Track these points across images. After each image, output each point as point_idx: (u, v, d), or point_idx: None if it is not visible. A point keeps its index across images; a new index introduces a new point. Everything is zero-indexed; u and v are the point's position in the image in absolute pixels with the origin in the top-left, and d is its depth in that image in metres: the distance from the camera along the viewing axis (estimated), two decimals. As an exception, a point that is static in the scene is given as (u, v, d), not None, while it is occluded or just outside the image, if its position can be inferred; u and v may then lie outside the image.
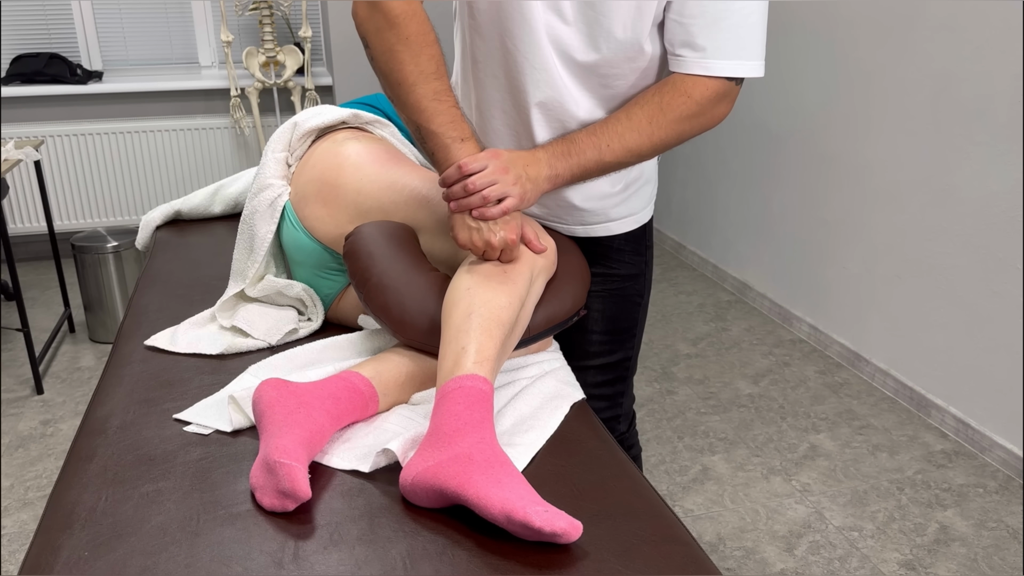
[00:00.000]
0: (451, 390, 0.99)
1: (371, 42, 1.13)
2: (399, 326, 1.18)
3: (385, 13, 1.10)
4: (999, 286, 2.29)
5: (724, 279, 3.61)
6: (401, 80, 1.12)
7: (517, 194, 1.12)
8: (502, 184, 1.11)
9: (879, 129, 2.64)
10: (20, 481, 2.28)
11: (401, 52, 1.11)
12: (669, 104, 1.16)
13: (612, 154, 1.17)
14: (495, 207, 1.11)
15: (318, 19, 3.92)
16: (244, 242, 1.41)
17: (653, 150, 1.19)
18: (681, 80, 1.16)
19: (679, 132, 1.18)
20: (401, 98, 1.14)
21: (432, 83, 1.12)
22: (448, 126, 1.13)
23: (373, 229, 1.26)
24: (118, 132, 3.70)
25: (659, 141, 1.18)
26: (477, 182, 1.10)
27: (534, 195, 1.16)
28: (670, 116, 1.16)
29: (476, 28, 1.21)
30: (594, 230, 1.37)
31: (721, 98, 1.17)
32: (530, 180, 1.15)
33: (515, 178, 1.12)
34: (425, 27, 1.12)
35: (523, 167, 1.14)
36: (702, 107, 1.16)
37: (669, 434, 2.51)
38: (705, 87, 1.15)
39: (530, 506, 0.86)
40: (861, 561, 1.97)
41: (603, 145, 1.17)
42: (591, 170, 1.19)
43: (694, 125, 1.18)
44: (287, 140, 1.43)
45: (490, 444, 0.94)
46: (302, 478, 0.92)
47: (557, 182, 1.18)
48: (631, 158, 1.19)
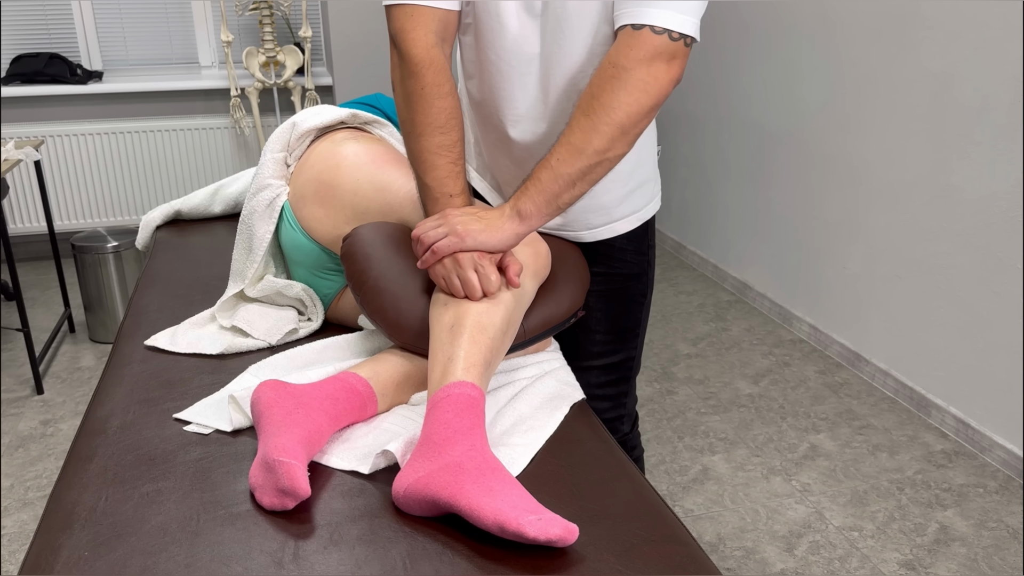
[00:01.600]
0: (441, 399, 0.99)
1: (396, 89, 1.19)
2: (395, 329, 1.18)
3: (407, 63, 1.15)
4: (999, 286, 2.29)
5: (724, 279, 3.61)
6: (411, 129, 1.18)
7: (458, 231, 1.11)
8: (444, 226, 1.12)
9: (879, 129, 2.64)
10: (20, 481, 2.28)
11: (415, 102, 1.16)
12: (599, 87, 1.09)
13: (563, 163, 1.10)
14: (439, 244, 1.12)
15: (318, 19, 3.92)
16: (243, 242, 1.41)
17: (606, 139, 1.09)
18: (608, 53, 1.11)
19: (621, 108, 1.08)
20: (409, 145, 1.19)
21: (436, 136, 1.16)
22: (441, 180, 1.17)
23: (370, 231, 1.26)
24: (118, 132, 3.70)
25: (605, 128, 1.09)
26: (422, 239, 1.14)
27: (493, 235, 1.12)
28: (602, 99, 1.08)
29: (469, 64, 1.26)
30: (599, 233, 1.38)
31: (652, 56, 1.07)
32: (481, 220, 1.12)
33: (458, 220, 1.12)
34: (440, 78, 1.15)
35: (476, 211, 1.14)
36: (630, 72, 1.07)
37: (669, 434, 2.51)
38: (628, 46, 1.08)
39: (523, 516, 0.85)
40: (861, 561, 1.97)
41: (552, 160, 1.11)
42: (553, 189, 1.11)
43: (634, 95, 1.08)
44: (286, 140, 1.43)
45: (481, 451, 0.94)
46: (301, 476, 0.92)
47: (525, 218, 1.13)
48: (586, 158, 1.10)
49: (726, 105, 3.45)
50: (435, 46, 1.16)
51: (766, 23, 3.13)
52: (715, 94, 3.52)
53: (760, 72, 3.20)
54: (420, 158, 1.18)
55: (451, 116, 1.17)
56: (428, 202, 1.19)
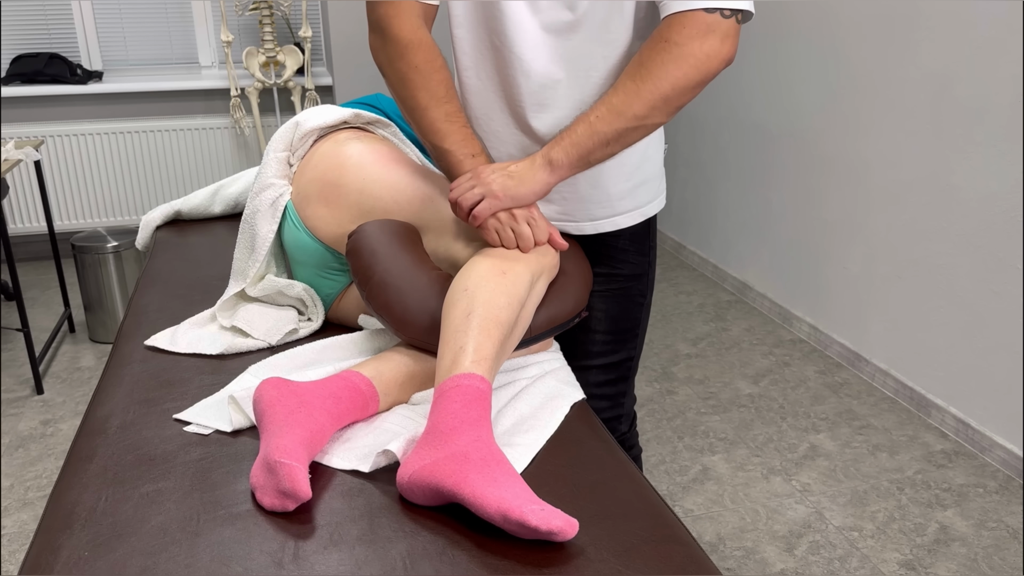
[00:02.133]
0: (449, 388, 0.99)
1: (385, 71, 1.23)
2: (401, 324, 1.18)
3: (395, 44, 1.19)
4: (999, 286, 2.29)
5: (724, 279, 3.61)
6: (415, 105, 1.22)
7: (494, 191, 1.17)
8: (480, 187, 1.19)
9: (879, 129, 2.64)
10: (20, 481, 2.28)
11: (413, 79, 1.20)
12: (648, 56, 1.12)
13: (603, 122, 1.14)
14: (478, 208, 1.18)
15: (318, 19, 3.92)
16: (245, 242, 1.41)
17: (647, 106, 1.13)
18: (659, 28, 1.13)
19: (667, 79, 1.11)
20: (417, 121, 1.23)
21: (443, 106, 1.22)
22: (459, 144, 1.22)
23: (376, 227, 1.26)
24: (118, 132, 3.70)
25: (649, 95, 1.12)
26: (460, 202, 1.20)
27: (526, 187, 1.18)
28: (650, 67, 1.11)
29: (460, 38, 1.28)
30: (602, 225, 1.37)
31: (704, 33, 1.09)
32: (513, 176, 1.19)
33: (492, 179, 1.18)
34: (431, 54, 1.21)
35: (505, 167, 1.20)
36: (682, 47, 1.10)
37: (669, 434, 2.51)
38: (682, 25, 1.10)
39: (526, 504, 0.86)
40: (861, 561, 1.97)
41: (592, 117, 1.15)
42: (587, 145, 1.16)
43: (683, 68, 1.10)
44: (289, 140, 1.43)
45: (487, 442, 0.94)
46: (302, 478, 0.92)
47: (556, 168, 1.18)
48: (625, 121, 1.14)
49: (726, 105, 3.45)
50: (420, 28, 1.20)
51: (766, 23, 3.13)
52: (715, 94, 3.52)
53: (760, 72, 3.20)
54: (433, 128, 1.22)
55: (449, 87, 1.23)
56: (452, 165, 1.24)
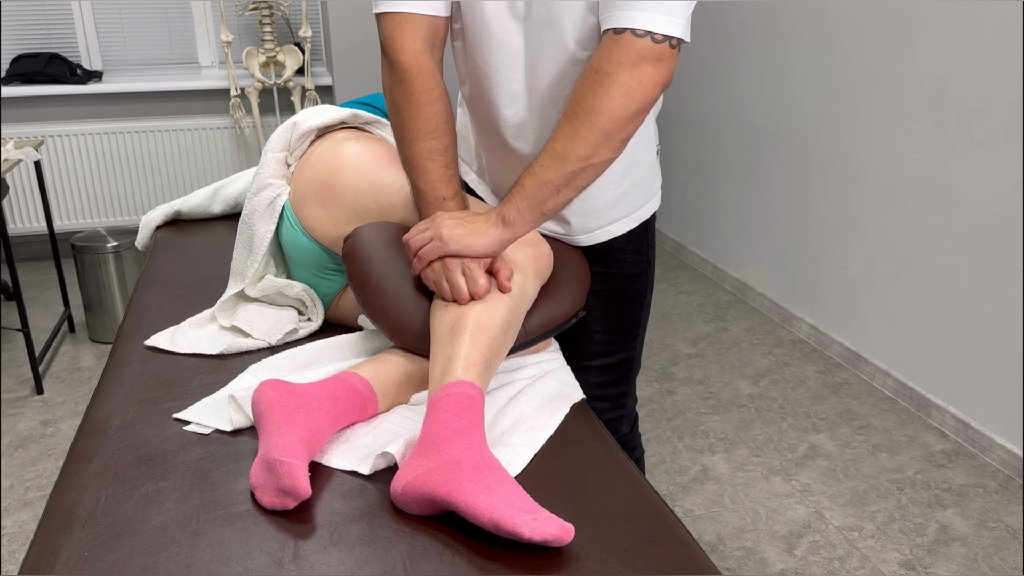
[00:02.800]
0: (440, 398, 1.00)
1: (387, 96, 1.20)
2: (396, 330, 1.18)
3: (396, 70, 1.17)
4: (999, 286, 2.29)
5: (724, 279, 3.61)
6: (402, 135, 1.19)
7: (442, 235, 1.12)
8: (431, 230, 1.14)
9: (879, 129, 2.64)
10: (20, 481, 2.28)
11: (405, 108, 1.18)
12: (581, 93, 1.07)
13: (547, 170, 1.09)
14: (423, 251, 1.14)
15: (318, 19, 3.92)
16: (243, 242, 1.41)
17: (590, 145, 1.07)
18: (592, 58, 1.09)
19: (604, 113, 1.06)
20: (402, 151, 1.21)
21: (428, 141, 1.18)
22: (433, 184, 1.19)
23: (372, 232, 1.26)
24: (118, 132, 3.70)
25: (588, 134, 1.07)
26: (410, 244, 1.16)
27: (476, 240, 1.12)
28: (584, 104, 1.06)
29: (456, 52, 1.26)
30: (596, 236, 1.38)
31: (635, 61, 1.04)
32: (465, 225, 1.13)
33: (443, 224, 1.13)
34: (430, 84, 1.17)
35: (463, 216, 1.15)
36: (613, 77, 1.05)
37: (669, 434, 2.51)
38: (610, 51, 1.05)
39: (518, 515, 0.85)
40: (861, 561, 1.97)
41: (536, 167, 1.10)
42: (539, 197, 1.10)
43: (616, 99, 1.05)
44: (286, 140, 1.43)
45: (479, 450, 0.94)
46: (302, 476, 0.92)
47: (510, 224, 1.12)
48: (571, 164, 1.08)
49: (726, 105, 3.45)
50: (423, 52, 1.17)
51: (765, 23, 3.13)
52: (715, 94, 3.52)
53: (760, 72, 3.20)
54: (413, 163, 1.20)
55: (441, 121, 1.18)
56: (422, 206, 1.21)
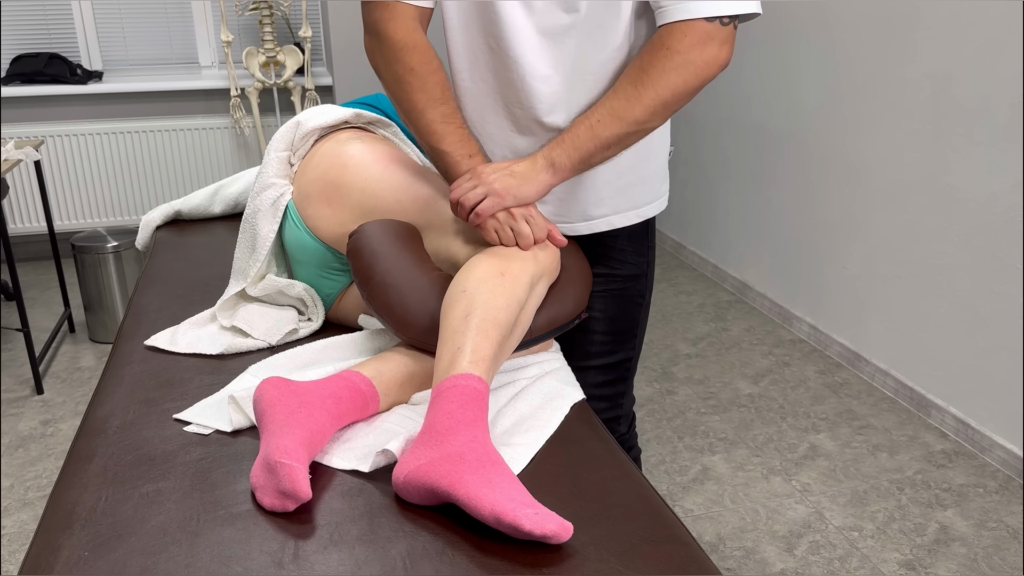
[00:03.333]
0: (446, 389, 0.99)
1: (381, 73, 1.24)
2: (401, 325, 1.18)
3: (390, 47, 1.20)
4: (999, 286, 2.29)
5: (724, 279, 3.61)
6: (411, 107, 1.23)
7: (496, 190, 1.18)
8: (482, 186, 1.19)
9: (879, 129, 2.64)
10: (20, 481, 2.28)
11: (409, 81, 1.21)
12: (649, 62, 1.14)
13: (603, 126, 1.17)
14: (481, 207, 1.19)
15: (318, 19, 3.92)
16: (246, 241, 1.41)
17: (647, 111, 1.16)
18: (659, 35, 1.14)
19: (668, 86, 1.14)
20: (414, 122, 1.25)
21: (439, 107, 1.23)
22: (456, 145, 1.24)
23: (377, 228, 1.26)
24: (118, 132, 3.70)
25: (649, 100, 1.15)
26: (463, 202, 1.20)
27: (529, 187, 1.19)
28: (652, 73, 1.14)
29: (455, 40, 1.27)
30: (596, 225, 1.36)
31: (704, 41, 1.12)
32: (515, 175, 1.19)
33: (494, 179, 1.19)
34: (427, 56, 1.22)
35: (507, 167, 1.21)
36: (683, 55, 1.12)
37: (669, 434, 2.51)
38: (682, 33, 1.12)
39: (520, 508, 0.86)
40: (861, 561, 1.97)
41: (593, 120, 1.17)
42: (588, 148, 1.18)
43: (683, 75, 1.13)
44: (290, 139, 1.43)
45: (482, 443, 0.94)
46: (302, 478, 0.92)
47: (558, 170, 1.20)
48: (625, 126, 1.17)
49: (726, 105, 3.45)
50: (416, 30, 1.21)
51: (766, 23, 3.13)
52: (715, 94, 3.52)
53: (760, 72, 3.20)
54: (430, 130, 1.23)
55: (445, 87, 1.24)
56: (450, 166, 1.25)
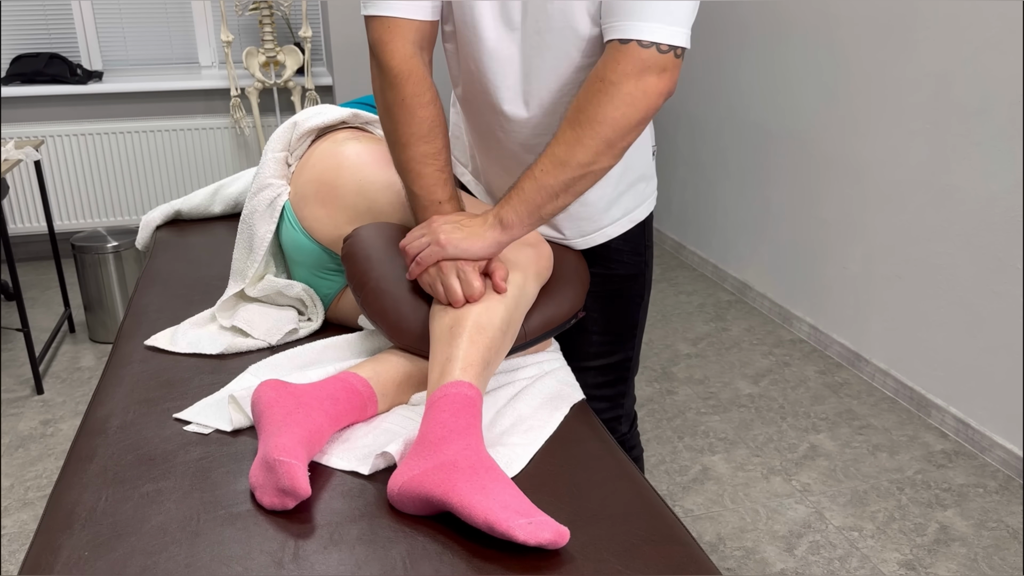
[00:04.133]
0: (437, 399, 1.00)
1: (378, 100, 1.20)
2: (395, 331, 1.18)
3: (386, 74, 1.16)
4: (999, 286, 2.29)
5: (724, 279, 3.61)
6: (395, 140, 1.19)
7: (439, 240, 1.12)
8: (428, 236, 1.14)
9: (879, 129, 2.64)
10: (20, 481, 2.28)
11: (397, 113, 1.17)
12: (586, 100, 1.08)
13: (547, 175, 1.09)
14: (421, 256, 1.14)
15: (318, 19, 3.92)
16: (244, 242, 1.41)
17: (591, 152, 1.08)
18: (596, 66, 1.09)
19: (607, 122, 1.07)
20: (395, 156, 1.20)
21: (421, 146, 1.17)
22: (428, 188, 1.18)
23: (371, 232, 1.26)
24: (118, 132, 3.70)
25: (590, 141, 1.07)
26: (407, 249, 1.16)
27: (474, 243, 1.12)
28: (588, 111, 1.07)
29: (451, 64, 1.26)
30: (592, 239, 1.38)
31: (640, 71, 1.05)
32: (463, 228, 1.13)
33: (440, 229, 1.14)
34: (421, 88, 1.16)
35: (458, 219, 1.15)
36: (618, 87, 1.05)
37: (669, 434, 2.51)
38: (616, 61, 1.06)
39: (513, 518, 0.85)
40: (861, 561, 1.97)
41: (537, 171, 1.10)
42: (536, 200, 1.11)
43: (621, 109, 1.06)
44: (287, 140, 1.43)
45: (476, 450, 0.94)
46: (302, 475, 0.92)
47: (507, 226, 1.12)
48: (571, 171, 1.09)
49: (726, 105, 3.45)
50: (414, 56, 1.16)
51: (765, 23, 3.13)
52: (715, 94, 3.52)
53: (759, 72, 3.20)
54: (407, 168, 1.19)
55: (434, 125, 1.18)
56: (418, 210, 1.20)
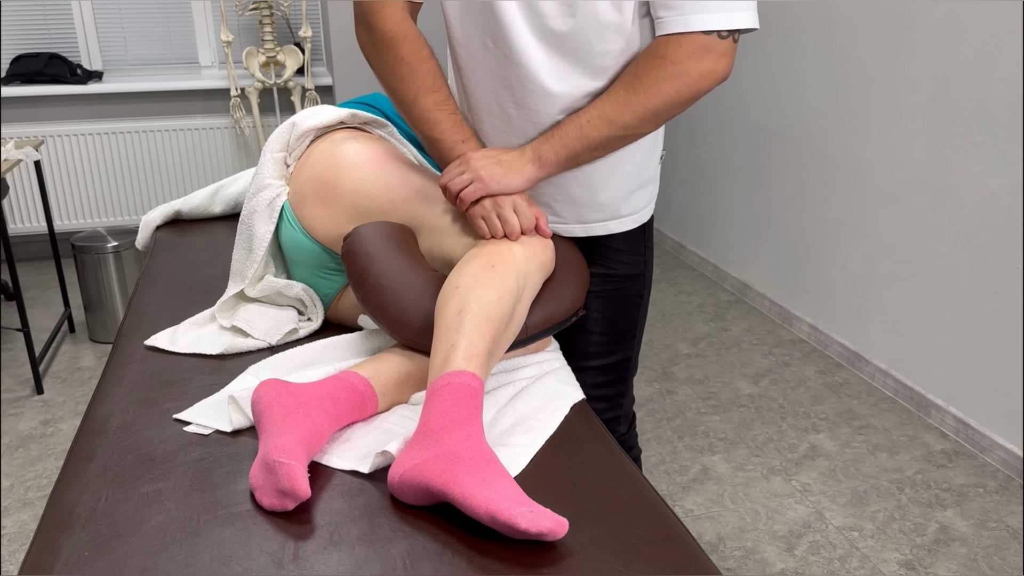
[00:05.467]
0: (440, 387, 0.99)
1: (373, 63, 1.24)
2: (396, 326, 1.18)
3: (380, 37, 1.21)
4: (999, 286, 2.29)
5: (724, 279, 3.61)
6: (404, 96, 1.24)
7: (482, 176, 1.19)
8: (468, 172, 1.21)
9: (879, 129, 2.64)
10: (20, 481, 2.28)
11: (400, 71, 1.22)
12: (644, 69, 1.14)
13: (593, 127, 1.17)
14: (465, 192, 1.20)
15: (318, 19, 3.92)
16: (243, 242, 1.41)
17: (637, 118, 1.16)
18: (655, 44, 1.15)
19: (660, 95, 1.14)
20: (407, 111, 1.26)
21: (431, 95, 1.23)
22: (449, 131, 1.24)
23: (371, 230, 1.26)
24: (118, 132, 3.70)
25: (640, 108, 1.15)
26: (450, 187, 1.22)
27: (514, 177, 1.20)
28: (645, 81, 1.14)
29: (454, 37, 1.28)
30: (593, 229, 1.37)
31: (700, 53, 1.12)
32: (502, 163, 1.21)
33: (481, 165, 1.20)
34: (417, 45, 1.22)
35: (495, 154, 1.22)
36: (677, 66, 1.12)
37: (669, 434, 2.51)
38: (678, 44, 1.12)
39: (515, 507, 0.85)
40: (861, 561, 1.97)
41: (583, 121, 1.18)
42: (576, 148, 1.19)
43: (675, 86, 1.14)
44: (285, 140, 1.43)
45: (477, 441, 0.94)
46: (301, 477, 0.92)
47: (544, 164, 1.21)
48: (615, 130, 1.17)
49: (726, 105, 3.45)
50: (405, 20, 1.21)
51: (765, 23, 3.13)
52: (715, 94, 3.52)
53: (760, 72, 3.20)
54: (423, 118, 1.24)
55: (437, 75, 1.24)
56: (443, 153, 1.26)
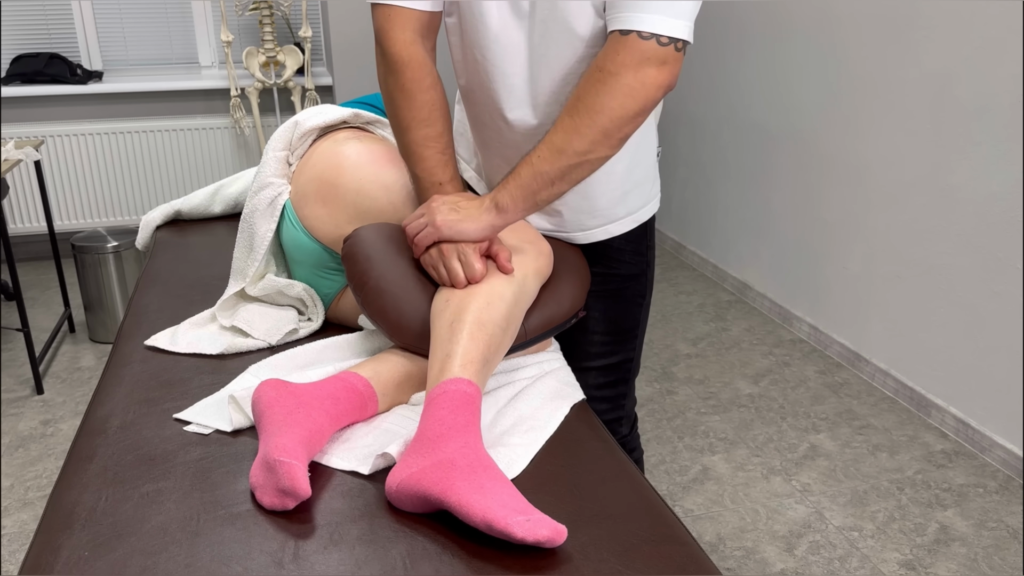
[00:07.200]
0: (437, 395, 0.99)
1: (382, 86, 1.23)
2: (396, 330, 1.18)
3: (387, 61, 1.20)
4: (999, 286, 2.29)
5: (724, 279, 3.61)
6: (397, 124, 1.23)
7: (435, 222, 1.16)
8: (426, 217, 1.18)
9: (879, 129, 2.64)
10: (20, 481, 2.28)
11: (398, 98, 1.21)
12: (584, 90, 1.09)
13: (544, 161, 1.11)
14: (418, 237, 1.18)
15: (318, 19, 3.92)
16: (244, 241, 1.41)
17: (587, 142, 1.09)
18: (596, 57, 1.10)
19: (604, 112, 1.08)
20: (397, 139, 1.24)
21: (422, 129, 1.21)
22: (429, 171, 1.22)
23: (371, 232, 1.26)
24: (118, 132, 3.70)
25: (587, 129, 1.09)
26: (407, 230, 1.20)
27: (469, 225, 1.15)
28: (586, 100, 1.08)
29: (452, 50, 1.28)
30: (593, 234, 1.38)
31: (639, 62, 1.06)
32: (459, 210, 1.16)
33: (437, 210, 1.17)
34: (421, 73, 1.19)
35: (456, 200, 1.18)
36: (616, 77, 1.06)
37: (669, 434, 2.51)
38: (615, 52, 1.07)
39: (511, 515, 0.85)
40: (861, 561, 1.97)
41: (534, 157, 1.12)
42: (531, 186, 1.13)
43: (618, 99, 1.07)
44: (288, 139, 1.43)
45: (474, 448, 0.94)
46: (302, 476, 0.92)
47: (502, 211, 1.15)
48: (567, 158, 1.10)
49: (726, 105, 3.45)
50: (414, 43, 1.19)
51: (766, 23, 3.13)
52: (715, 94, 3.52)
53: (760, 72, 3.20)
54: (409, 151, 1.23)
55: (434, 108, 1.21)
56: (420, 192, 1.25)
